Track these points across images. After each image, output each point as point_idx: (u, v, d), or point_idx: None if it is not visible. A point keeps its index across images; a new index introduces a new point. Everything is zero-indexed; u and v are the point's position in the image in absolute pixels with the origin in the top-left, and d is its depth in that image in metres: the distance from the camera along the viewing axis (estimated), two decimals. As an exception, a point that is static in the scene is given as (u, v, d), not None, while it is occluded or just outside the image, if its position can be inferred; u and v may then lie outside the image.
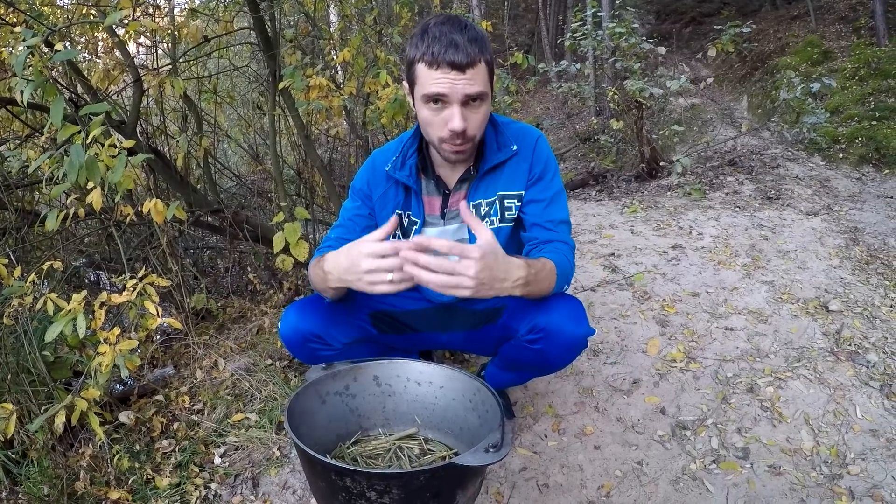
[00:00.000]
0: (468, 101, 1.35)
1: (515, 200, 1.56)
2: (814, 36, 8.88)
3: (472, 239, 1.59)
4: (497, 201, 1.56)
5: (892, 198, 4.62)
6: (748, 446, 1.88)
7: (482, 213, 1.57)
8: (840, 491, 1.68)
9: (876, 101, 6.46)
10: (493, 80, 1.43)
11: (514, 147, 1.55)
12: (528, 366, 1.59)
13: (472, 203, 1.57)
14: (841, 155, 5.76)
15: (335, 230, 1.65)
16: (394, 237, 1.63)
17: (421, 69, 1.34)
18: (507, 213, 1.57)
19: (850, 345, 2.44)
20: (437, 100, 1.35)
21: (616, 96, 5.62)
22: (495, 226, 1.57)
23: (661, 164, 5.42)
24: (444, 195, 1.60)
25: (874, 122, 5.98)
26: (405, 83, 1.46)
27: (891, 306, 2.77)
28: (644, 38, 5.45)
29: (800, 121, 5.96)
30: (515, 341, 1.52)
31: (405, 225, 1.63)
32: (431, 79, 1.32)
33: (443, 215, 1.62)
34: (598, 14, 6.50)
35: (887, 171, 5.28)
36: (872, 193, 4.79)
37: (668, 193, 4.95)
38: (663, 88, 5.07)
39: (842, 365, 2.30)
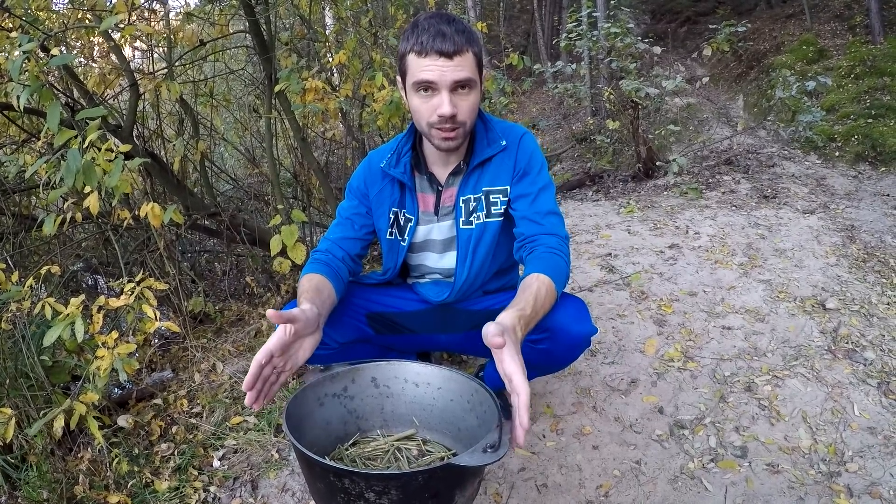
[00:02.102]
0: (456, 87, 1.39)
1: (500, 196, 1.57)
2: (809, 34, 8.91)
3: (459, 234, 1.60)
4: (483, 196, 1.58)
5: (888, 195, 4.63)
6: (746, 445, 1.88)
7: (470, 209, 1.58)
8: (838, 489, 1.69)
9: (871, 99, 6.48)
10: (483, 73, 1.47)
11: (504, 142, 1.57)
12: (532, 366, 1.58)
13: (461, 198, 1.58)
14: (837, 153, 5.78)
15: (334, 230, 1.66)
16: (390, 235, 1.65)
17: (411, 59, 1.39)
18: (492, 208, 1.58)
19: (847, 343, 2.45)
20: (427, 87, 1.39)
21: (612, 96, 5.63)
22: (481, 220, 1.58)
23: (658, 163, 5.43)
24: (438, 192, 1.62)
25: (870, 120, 6.00)
26: (398, 78, 1.50)
27: (888, 304, 2.78)
28: (639, 38, 5.46)
29: (795, 119, 5.97)
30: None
31: (401, 223, 1.64)
32: (420, 66, 1.37)
33: (436, 212, 1.63)
34: (594, 14, 6.50)
35: (883, 168, 5.29)
36: (869, 191, 4.80)
37: (665, 193, 4.96)
38: (659, 88, 5.09)
39: (839, 363, 2.31)
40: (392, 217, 1.64)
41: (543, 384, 2.22)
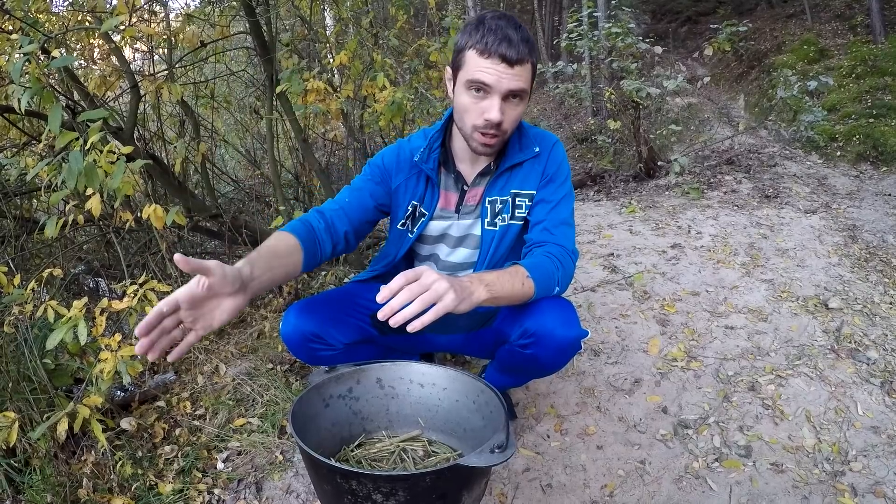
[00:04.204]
0: (509, 96, 1.39)
1: (527, 200, 1.59)
2: (810, 34, 8.91)
3: (483, 234, 1.62)
4: (510, 199, 1.59)
5: (889, 195, 4.63)
6: (750, 444, 1.88)
7: (496, 210, 1.59)
8: (842, 488, 1.69)
9: (873, 99, 6.48)
10: (533, 84, 1.46)
11: (537, 149, 1.58)
12: (523, 369, 1.60)
13: (487, 199, 1.59)
14: (838, 153, 5.78)
15: (345, 194, 1.62)
16: (403, 226, 1.65)
17: (471, 55, 1.37)
18: (517, 211, 1.59)
19: (850, 342, 2.44)
20: (480, 88, 1.38)
21: (613, 96, 5.63)
22: (506, 222, 1.59)
23: (659, 163, 5.43)
24: (462, 191, 1.62)
25: (871, 120, 6.00)
26: (448, 69, 1.49)
27: (890, 303, 2.78)
28: (640, 37, 5.46)
29: (797, 119, 5.97)
30: (509, 346, 1.53)
31: (416, 216, 1.64)
32: (479, 66, 1.36)
33: (458, 210, 1.63)
34: (594, 14, 6.50)
35: (885, 168, 5.30)
36: (870, 191, 4.80)
37: (667, 193, 4.96)
38: (660, 88, 5.09)
39: (842, 362, 2.31)
40: (409, 209, 1.64)
41: (547, 384, 2.22)
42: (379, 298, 1.10)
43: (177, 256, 0.98)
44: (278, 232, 1.40)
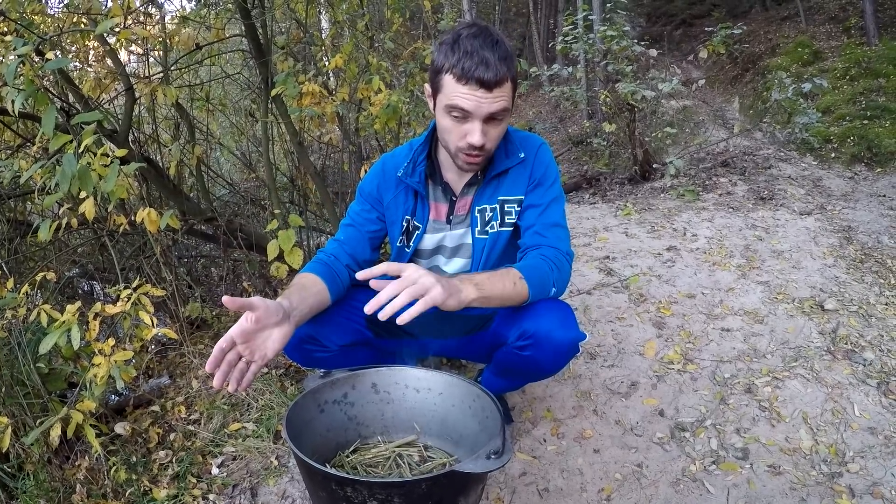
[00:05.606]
0: (490, 118, 1.36)
1: (515, 205, 1.58)
2: (804, 36, 8.94)
3: (475, 243, 1.61)
4: (498, 206, 1.58)
5: (884, 196, 4.64)
6: (747, 446, 1.88)
7: (486, 218, 1.59)
8: (840, 489, 1.69)
9: (867, 101, 6.49)
10: (515, 94, 1.45)
11: (522, 155, 1.57)
12: (521, 372, 1.60)
13: (477, 208, 1.59)
14: (833, 154, 5.79)
15: (344, 231, 1.67)
16: (400, 242, 1.65)
17: (448, 80, 1.34)
18: (506, 217, 1.59)
19: (846, 343, 2.44)
20: (459, 112, 1.35)
21: (608, 99, 5.64)
22: (496, 230, 1.59)
23: (654, 166, 5.43)
24: (451, 201, 1.61)
25: (865, 122, 6.01)
26: (427, 87, 1.47)
27: (885, 304, 2.78)
28: (635, 40, 5.47)
29: (791, 121, 5.99)
30: (507, 348, 1.53)
31: (410, 230, 1.64)
32: (457, 92, 1.33)
33: (448, 221, 1.62)
34: (589, 17, 6.51)
35: (879, 169, 5.31)
36: (865, 192, 4.81)
37: (662, 195, 4.97)
38: (655, 91, 5.09)
39: (839, 363, 2.31)
40: (404, 225, 1.64)
41: (544, 388, 2.21)
42: (367, 309, 1.12)
43: (224, 298, 1.12)
44: (298, 274, 1.52)
